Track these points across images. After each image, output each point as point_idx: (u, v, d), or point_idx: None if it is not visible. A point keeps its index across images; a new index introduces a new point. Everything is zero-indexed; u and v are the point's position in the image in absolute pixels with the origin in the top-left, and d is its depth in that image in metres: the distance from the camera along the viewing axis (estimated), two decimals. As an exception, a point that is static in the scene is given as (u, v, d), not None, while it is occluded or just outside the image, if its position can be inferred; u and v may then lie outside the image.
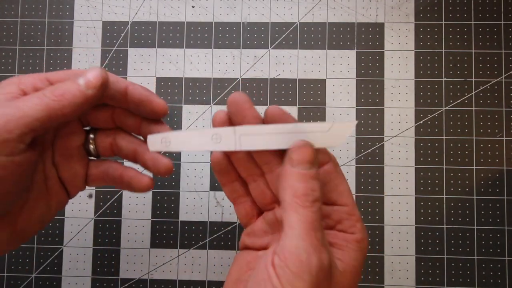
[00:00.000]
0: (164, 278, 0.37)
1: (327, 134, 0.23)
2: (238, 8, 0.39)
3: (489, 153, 0.37)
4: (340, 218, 0.23)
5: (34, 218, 0.24)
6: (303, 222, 0.21)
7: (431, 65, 0.38)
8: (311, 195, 0.21)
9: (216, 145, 0.24)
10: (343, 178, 0.24)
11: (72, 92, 0.21)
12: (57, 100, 0.20)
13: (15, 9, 0.39)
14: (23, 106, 0.20)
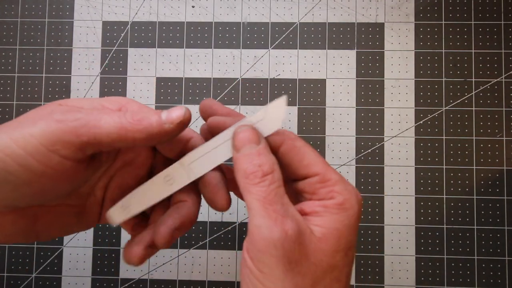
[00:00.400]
0: (164, 278, 0.37)
1: (266, 121, 0.23)
2: (238, 8, 0.39)
3: (489, 153, 0.37)
4: (314, 189, 0.23)
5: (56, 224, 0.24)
6: (257, 199, 0.21)
7: (431, 65, 0.38)
8: (259, 171, 0.21)
9: (172, 186, 0.23)
10: (307, 149, 0.23)
11: (150, 121, 0.20)
12: (134, 123, 0.20)
13: (15, 9, 0.39)
14: (101, 118, 0.20)
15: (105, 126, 0.20)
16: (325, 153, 0.37)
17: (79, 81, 0.39)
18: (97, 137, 0.20)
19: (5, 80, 0.39)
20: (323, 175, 0.23)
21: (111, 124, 0.20)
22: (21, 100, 0.39)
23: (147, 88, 0.38)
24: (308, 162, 0.23)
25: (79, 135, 0.19)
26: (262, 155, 0.22)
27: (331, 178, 0.22)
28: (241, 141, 0.22)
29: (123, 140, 0.20)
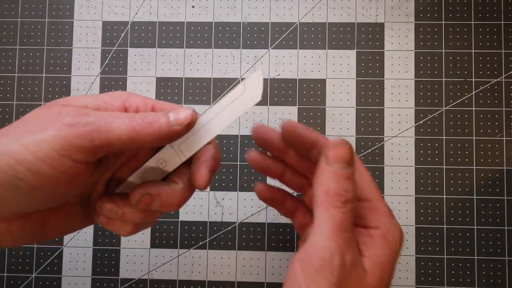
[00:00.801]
0: (164, 278, 0.37)
1: (246, 95, 0.23)
2: (238, 8, 0.39)
3: (489, 153, 0.37)
4: (363, 213, 0.23)
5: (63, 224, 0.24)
6: (331, 222, 0.21)
7: (431, 65, 0.38)
8: (343, 196, 0.21)
9: (165, 168, 0.24)
10: (365, 174, 0.24)
11: (160, 123, 0.21)
12: (145, 127, 0.20)
13: (15, 9, 0.39)
14: (112, 122, 0.20)
15: (117, 130, 0.20)
16: (325, 153, 0.37)
17: (79, 81, 0.39)
18: (109, 141, 0.20)
19: (5, 80, 0.39)
20: (374, 202, 0.23)
21: (123, 128, 0.20)
22: (21, 100, 0.39)
23: (147, 88, 0.38)
24: (363, 186, 0.24)
25: (91, 140, 0.19)
26: (350, 180, 0.22)
27: (380, 208, 0.23)
28: (336, 156, 0.22)
29: (134, 143, 0.20)
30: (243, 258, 0.37)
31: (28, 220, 0.22)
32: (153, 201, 0.22)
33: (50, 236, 0.24)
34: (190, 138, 0.24)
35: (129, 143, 0.20)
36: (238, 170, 0.38)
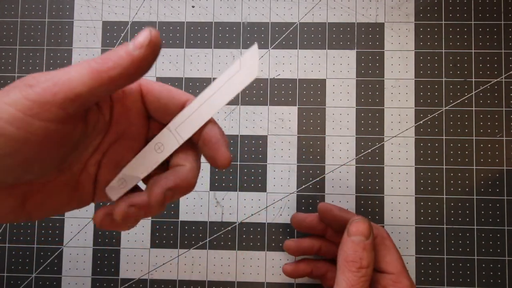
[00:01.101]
0: (164, 278, 0.37)
1: (242, 72, 0.23)
2: (238, 8, 0.39)
3: (489, 153, 0.37)
4: (386, 284, 0.29)
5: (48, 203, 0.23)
6: (346, 283, 0.27)
7: (431, 65, 0.38)
8: (358, 262, 0.27)
9: (163, 153, 0.24)
10: (391, 249, 0.30)
11: (118, 53, 0.19)
12: (103, 62, 0.19)
13: (15, 9, 0.39)
14: (70, 70, 0.19)
15: (77, 75, 0.19)
16: (325, 153, 0.37)
17: (79, 81, 0.39)
18: (73, 90, 0.18)
19: (5, 80, 0.39)
20: (397, 276, 0.29)
21: (82, 72, 0.19)
22: (21, 100, 0.39)
23: (147, 88, 0.38)
24: (389, 260, 0.29)
25: (54, 94, 0.18)
26: (366, 251, 0.28)
27: (402, 281, 0.28)
28: (355, 230, 0.28)
29: (99, 83, 0.19)
30: (243, 258, 0.37)
31: (8, 195, 0.21)
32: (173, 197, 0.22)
33: (34, 216, 0.23)
34: (187, 119, 0.23)
35: (96, 86, 0.19)
36: (238, 170, 0.38)
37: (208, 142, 0.23)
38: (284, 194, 0.37)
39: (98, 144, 0.23)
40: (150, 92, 0.23)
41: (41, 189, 0.22)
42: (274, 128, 0.38)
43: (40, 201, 0.22)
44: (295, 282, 0.36)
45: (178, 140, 0.23)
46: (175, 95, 0.23)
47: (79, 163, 0.23)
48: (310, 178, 0.37)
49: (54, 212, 0.24)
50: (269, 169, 0.37)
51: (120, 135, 0.24)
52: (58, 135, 0.19)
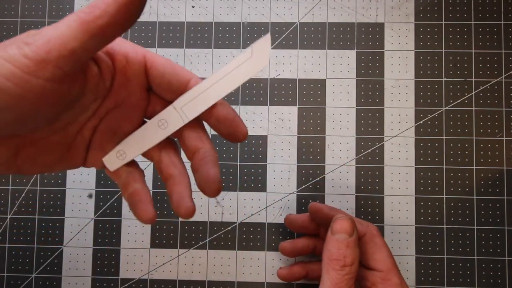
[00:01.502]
0: (164, 278, 0.37)
1: (253, 59, 0.23)
2: (238, 8, 0.39)
3: (489, 153, 0.37)
4: (375, 282, 0.29)
5: (39, 158, 0.23)
6: (330, 282, 0.27)
7: (431, 65, 0.38)
8: (342, 261, 0.27)
9: (166, 130, 0.24)
10: (380, 247, 0.30)
11: (105, 1, 0.19)
12: (90, 11, 0.19)
13: (15, 9, 0.39)
14: (61, 25, 0.19)
15: (67, 30, 0.18)
16: (325, 153, 0.37)
17: (79, 81, 0.39)
18: (66, 46, 0.18)
19: (5, 80, 0.39)
20: (386, 273, 0.28)
21: (72, 25, 0.18)
22: (21, 100, 0.39)
23: (147, 88, 0.38)
24: (378, 258, 0.29)
25: (48, 51, 0.18)
26: (349, 248, 0.27)
27: (391, 279, 0.28)
28: (338, 228, 0.28)
29: (90, 35, 0.19)
30: (243, 258, 0.37)
31: (2, 144, 0.21)
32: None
33: (25, 170, 0.23)
34: (194, 99, 0.23)
35: (87, 40, 0.19)
36: (238, 170, 0.38)
37: (225, 120, 0.23)
38: (284, 194, 0.37)
39: (96, 108, 0.23)
40: (154, 66, 0.23)
41: (34, 144, 0.22)
42: (274, 128, 0.38)
43: (32, 155, 0.22)
44: (295, 282, 0.36)
45: (184, 119, 0.23)
46: (179, 72, 0.23)
47: (76, 125, 0.23)
48: (310, 178, 0.37)
49: (44, 168, 0.24)
50: (269, 169, 0.37)
51: (118, 104, 0.24)
52: (55, 94, 0.19)
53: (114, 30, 0.19)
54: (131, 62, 0.23)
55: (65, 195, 0.38)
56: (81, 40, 0.19)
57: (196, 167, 0.23)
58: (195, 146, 0.24)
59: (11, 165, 0.22)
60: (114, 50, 0.23)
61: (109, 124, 0.24)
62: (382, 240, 0.30)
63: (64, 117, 0.22)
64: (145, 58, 0.23)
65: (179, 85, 0.23)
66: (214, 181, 0.23)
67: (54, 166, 0.24)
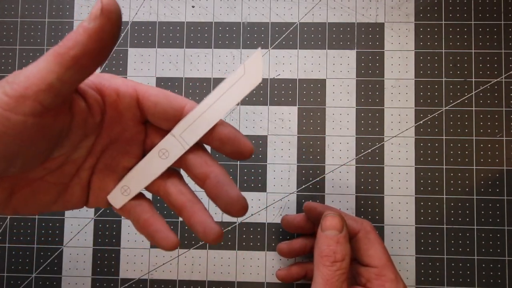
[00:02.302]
0: (164, 278, 0.37)
1: (246, 76, 0.23)
2: (238, 8, 0.39)
3: (489, 153, 0.37)
4: (370, 278, 0.29)
5: (35, 199, 0.23)
6: (322, 278, 0.27)
7: (431, 65, 0.38)
8: (332, 257, 0.27)
9: (167, 159, 0.23)
10: (375, 243, 0.29)
11: (76, 31, 0.19)
12: (63, 44, 0.19)
13: (15, 9, 0.39)
14: (39, 60, 0.19)
15: (44, 65, 0.19)
16: (325, 153, 0.37)
17: (79, 81, 0.39)
18: (43, 80, 0.18)
19: (5, 80, 0.39)
20: (381, 269, 0.28)
21: (49, 59, 0.19)
22: (21, 100, 0.39)
23: (147, 88, 0.38)
24: (373, 254, 0.29)
25: (27, 87, 0.18)
26: (339, 244, 0.27)
27: (386, 275, 0.28)
28: (328, 224, 0.28)
29: (65, 67, 0.19)
30: (243, 258, 0.37)
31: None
32: None
33: (21, 210, 0.23)
34: (192, 125, 0.23)
35: (63, 72, 0.19)
36: (238, 170, 0.38)
37: (228, 140, 0.23)
38: (284, 194, 0.37)
39: (90, 147, 0.23)
40: (147, 97, 0.23)
41: (29, 184, 0.22)
42: (274, 128, 0.38)
43: (27, 196, 0.22)
44: (295, 282, 0.36)
45: (184, 145, 0.23)
46: (172, 100, 0.23)
47: (71, 165, 0.23)
48: (310, 178, 0.37)
49: (41, 208, 0.24)
50: (269, 169, 0.37)
51: (113, 140, 0.24)
52: (37, 129, 0.19)
53: (89, 60, 0.19)
54: (122, 96, 0.23)
55: (65, 195, 0.38)
56: (58, 72, 0.19)
57: (215, 194, 0.23)
58: (203, 172, 0.23)
59: (6, 206, 0.22)
60: (103, 86, 0.23)
61: (107, 162, 0.24)
62: (376, 236, 0.30)
63: (56, 155, 0.22)
64: (137, 91, 0.23)
65: (175, 113, 0.23)
66: (239, 201, 0.23)
67: (51, 207, 0.24)
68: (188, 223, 0.24)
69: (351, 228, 0.30)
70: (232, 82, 0.23)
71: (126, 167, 0.24)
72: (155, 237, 0.23)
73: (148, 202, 0.25)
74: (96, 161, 0.24)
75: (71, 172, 0.23)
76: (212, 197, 0.23)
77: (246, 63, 0.23)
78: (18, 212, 0.23)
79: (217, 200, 0.23)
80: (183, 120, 0.23)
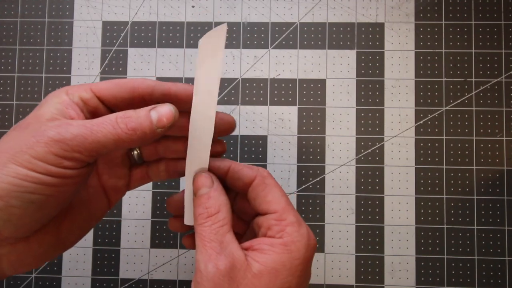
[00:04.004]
0: (164, 278, 0.37)
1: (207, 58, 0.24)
2: (238, 8, 0.39)
3: (489, 153, 0.37)
4: (269, 225, 0.25)
5: (76, 226, 0.25)
6: (198, 238, 0.24)
7: (431, 65, 0.38)
8: (205, 213, 0.24)
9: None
10: (272, 187, 0.26)
11: (144, 128, 0.22)
12: (129, 134, 0.22)
13: (15, 9, 0.39)
14: (97, 131, 0.21)
15: (103, 140, 0.21)
16: (325, 153, 0.37)
17: (79, 81, 0.39)
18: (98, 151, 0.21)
19: (5, 80, 0.39)
20: (280, 214, 0.25)
21: (109, 137, 0.21)
22: (21, 100, 0.39)
23: (147, 88, 0.38)
24: (271, 199, 0.25)
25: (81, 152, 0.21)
26: (211, 197, 0.25)
27: (286, 219, 0.24)
28: (196, 185, 0.26)
29: (119, 147, 0.22)
30: (243, 258, 0.37)
31: (44, 231, 0.23)
32: None
33: (68, 241, 0.25)
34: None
35: (115, 149, 0.22)
36: (238, 170, 0.37)
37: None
38: (284, 194, 0.37)
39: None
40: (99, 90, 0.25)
41: (64, 219, 0.25)
42: (274, 128, 0.38)
43: (67, 230, 0.25)
44: None
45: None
46: (121, 84, 0.25)
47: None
48: (310, 178, 0.37)
49: (83, 231, 0.27)
50: (269, 169, 0.37)
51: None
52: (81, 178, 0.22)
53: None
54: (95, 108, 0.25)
55: (65, 195, 0.38)
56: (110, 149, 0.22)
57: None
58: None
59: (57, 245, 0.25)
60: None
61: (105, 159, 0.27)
62: (273, 181, 0.27)
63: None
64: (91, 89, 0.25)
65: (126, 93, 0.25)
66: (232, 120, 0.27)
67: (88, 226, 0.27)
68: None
69: (247, 176, 0.26)
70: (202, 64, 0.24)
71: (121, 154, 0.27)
72: None
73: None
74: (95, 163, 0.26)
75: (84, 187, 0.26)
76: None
77: (200, 42, 0.24)
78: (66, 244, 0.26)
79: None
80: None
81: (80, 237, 0.26)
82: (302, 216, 0.37)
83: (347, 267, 0.36)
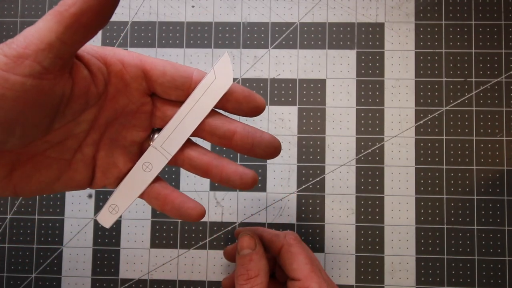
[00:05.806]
0: (164, 278, 0.37)
1: (218, 81, 0.24)
2: (238, 8, 0.39)
3: (489, 153, 0.37)
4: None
5: (36, 176, 0.22)
6: None
7: (431, 65, 0.38)
8: (245, 275, 0.27)
9: (152, 171, 0.24)
10: (296, 255, 0.28)
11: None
12: (62, 2, 0.18)
13: (15, 9, 0.39)
14: (39, 21, 0.19)
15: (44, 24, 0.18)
16: (325, 153, 0.37)
17: (79, 81, 0.39)
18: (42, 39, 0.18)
19: (5, 80, 0.39)
20: (303, 282, 0.27)
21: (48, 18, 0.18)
22: (21, 100, 0.39)
23: (147, 88, 0.38)
24: (296, 267, 0.28)
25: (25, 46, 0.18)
26: (252, 261, 0.28)
27: (309, 287, 0.27)
28: (240, 245, 0.28)
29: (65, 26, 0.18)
30: (243, 258, 0.37)
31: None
32: None
33: (21, 190, 0.22)
34: (171, 135, 0.24)
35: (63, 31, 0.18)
36: (238, 170, 0.37)
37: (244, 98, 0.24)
38: (284, 194, 0.37)
39: (92, 120, 0.23)
40: (154, 66, 0.23)
41: (30, 160, 0.22)
42: (274, 128, 0.38)
43: (27, 173, 0.22)
44: None
45: (166, 156, 0.24)
46: (179, 68, 0.23)
47: (74, 140, 0.23)
48: (310, 178, 0.37)
49: (43, 187, 0.23)
50: (269, 169, 0.37)
51: (118, 112, 0.23)
52: (36, 92, 0.19)
53: (89, 19, 0.19)
54: (128, 65, 0.23)
55: (65, 195, 0.38)
56: (57, 31, 0.18)
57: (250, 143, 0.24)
58: (229, 129, 0.24)
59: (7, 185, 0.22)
60: (107, 55, 0.23)
61: (113, 136, 0.24)
62: (298, 248, 0.29)
63: (57, 126, 0.21)
64: (142, 61, 0.23)
65: (183, 80, 0.23)
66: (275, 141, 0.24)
67: (53, 185, 0.23)
68: (220, 178, 0.24)
69: (274, 244, 0.29)
70: (205, 87, 0.23)
71: (134, 141, 0.24)
72: (182, 208, 0.24)
73: (164, 181, 0.25)
74: (100, 136, 0.23)
75: (73, 147, 0.23)
76: (247, 147, 0.24)
77: (215, 67, 0.23)
78: (18, 192, 0.22)
79: (255, 148, 0.24)
80: (162, 132, 0.24)
81: (36, 194, 0.23)
82: (302, 216, 0.37)
83: (347, 267, 0.36)
